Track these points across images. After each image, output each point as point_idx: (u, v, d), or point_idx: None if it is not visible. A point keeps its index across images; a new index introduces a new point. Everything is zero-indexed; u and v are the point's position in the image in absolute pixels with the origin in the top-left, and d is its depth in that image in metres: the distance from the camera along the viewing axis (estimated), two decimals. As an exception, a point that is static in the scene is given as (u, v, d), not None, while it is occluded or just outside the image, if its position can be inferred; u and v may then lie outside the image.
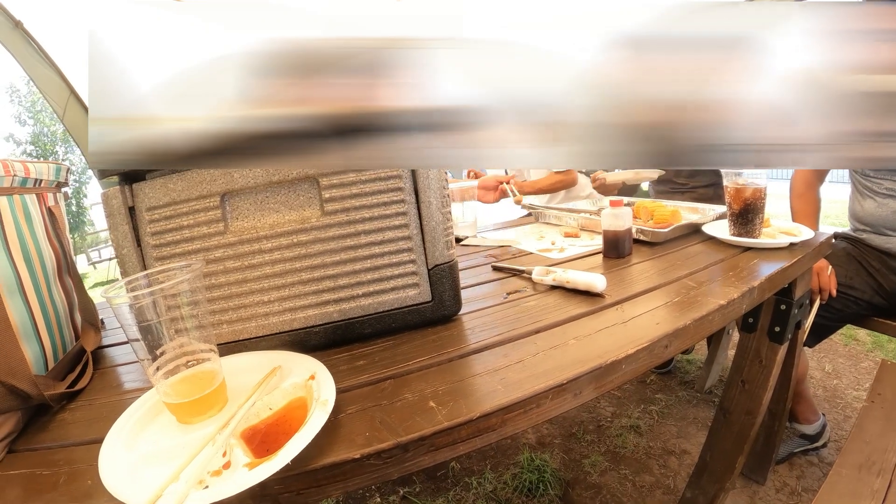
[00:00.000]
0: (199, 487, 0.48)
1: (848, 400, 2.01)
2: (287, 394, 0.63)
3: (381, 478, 0.55)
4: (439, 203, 0.79)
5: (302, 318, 0.79)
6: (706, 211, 1.46)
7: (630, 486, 1.65)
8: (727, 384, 1.37)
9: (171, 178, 0.75)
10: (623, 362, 0.67)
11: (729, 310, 0.85)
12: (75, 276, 0.91)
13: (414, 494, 1.70)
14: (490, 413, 0.57)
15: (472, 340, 0.77)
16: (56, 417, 0.71)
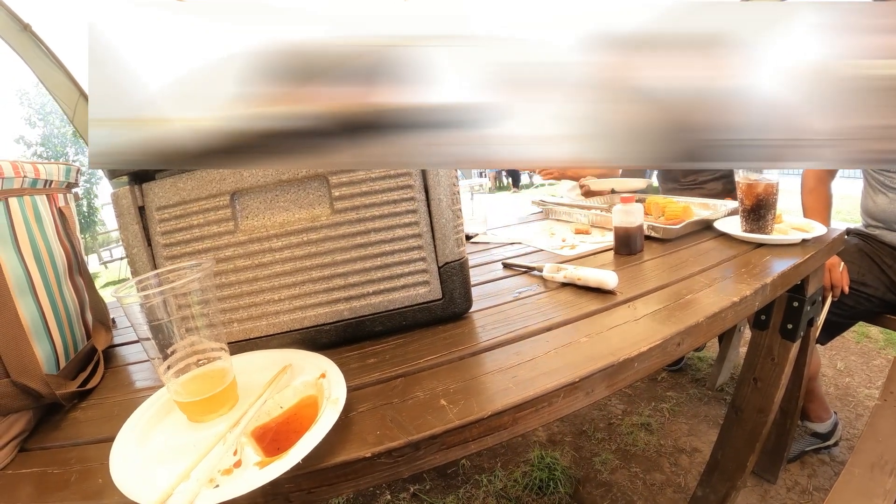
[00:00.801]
0: (210, 486, 0.48)
1: (860, 398, 1.99)
2: (298, 392, 0.62)
3: (393, 476, 0.55)
4: (449, 200, 0.79)
5: (312, 317, 0.79)
6: (718, 207, 1.45)
7: (641, 484, 1.64)
8: (739, 382, 1.36)
9: (180, 178, 0.75)
10: (636, 360, 0.67)
11: (741, 307, 0.84)
12: (86, 276, 0.91)
13: (424, 492, 1.70)
14: (502, 411, 0.57)
15: (483, 338, 0.76)
16: (67, 416, 0.71)
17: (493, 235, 1.55)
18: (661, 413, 2.00)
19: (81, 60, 0.49)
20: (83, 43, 0.48)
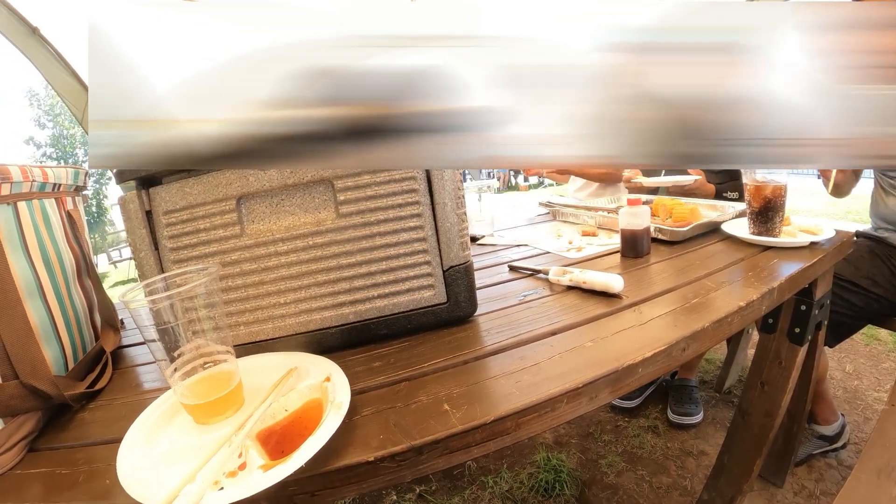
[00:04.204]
0: (215, 488, 0.48)
1: (868, 401, 1.97)
2: (303, 395, 0.63)
3: (396, 480, 0.55)
4: (454, 204, 0.79)
5: (318, 320, 0.79)
6: (726, 209, 1.44)
7: (647, 487, 1.63)
8: (746, 385, 1.35)
9: (187, 182, 0.76)
10: (640, 366, 0.67)
11: (748, 312, 0.83)
12: (94, 278, 0.92)
13: (430, 493, 1.70)
14: (504, 417, 0.57)
15: (487, 342, 0.76)
16: (76, 417, 0.72)
17: (499, 237, 1.55)
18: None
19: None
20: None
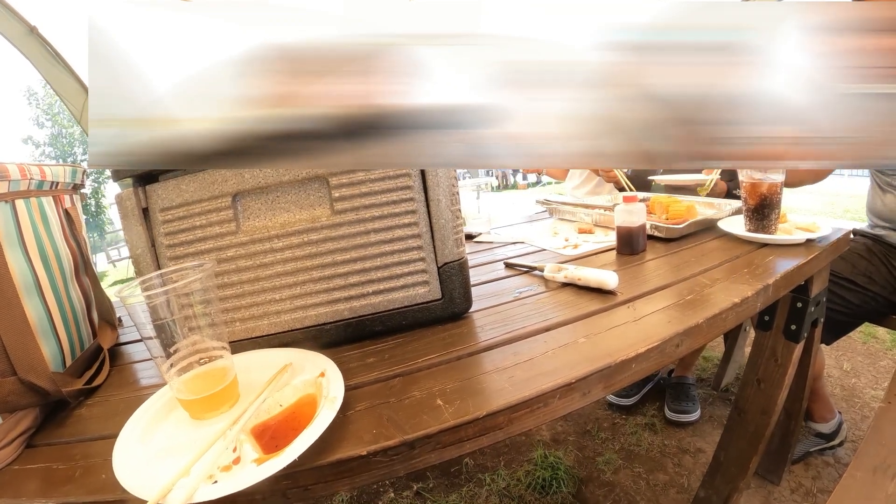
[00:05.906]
0: (209, 482, 0.49)
1: (866, 399, 1.97)
2: (297, 391, 0.63)
3: (388, 475, 0.55)
4: (448, 201, 0.80)
5: (313, 316, 0.80)
6: (722, 206, 1.44)
7: (644, 484, 1.64)
8: (742, 383, 1.35)
9: (183, 180, 0.76)
10: (633, 361, 0.67)
11: (743, 308, 0.84)
12: (92, 276, 0.93)
13: (427, 490, 1.71)
14: (497, 412, 0.57)
15: (481, 338, 0.77)
16: (73, 413, 0.73)
17: (496, 235, 1.56)
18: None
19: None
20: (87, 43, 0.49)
